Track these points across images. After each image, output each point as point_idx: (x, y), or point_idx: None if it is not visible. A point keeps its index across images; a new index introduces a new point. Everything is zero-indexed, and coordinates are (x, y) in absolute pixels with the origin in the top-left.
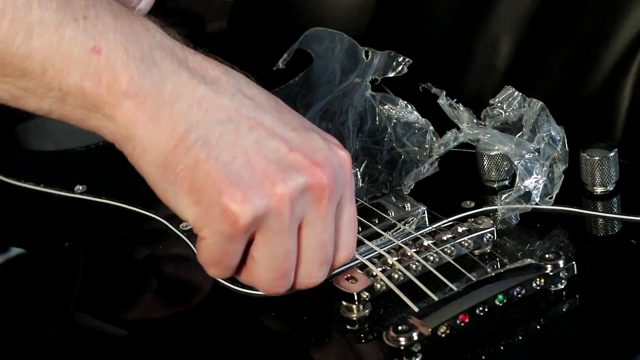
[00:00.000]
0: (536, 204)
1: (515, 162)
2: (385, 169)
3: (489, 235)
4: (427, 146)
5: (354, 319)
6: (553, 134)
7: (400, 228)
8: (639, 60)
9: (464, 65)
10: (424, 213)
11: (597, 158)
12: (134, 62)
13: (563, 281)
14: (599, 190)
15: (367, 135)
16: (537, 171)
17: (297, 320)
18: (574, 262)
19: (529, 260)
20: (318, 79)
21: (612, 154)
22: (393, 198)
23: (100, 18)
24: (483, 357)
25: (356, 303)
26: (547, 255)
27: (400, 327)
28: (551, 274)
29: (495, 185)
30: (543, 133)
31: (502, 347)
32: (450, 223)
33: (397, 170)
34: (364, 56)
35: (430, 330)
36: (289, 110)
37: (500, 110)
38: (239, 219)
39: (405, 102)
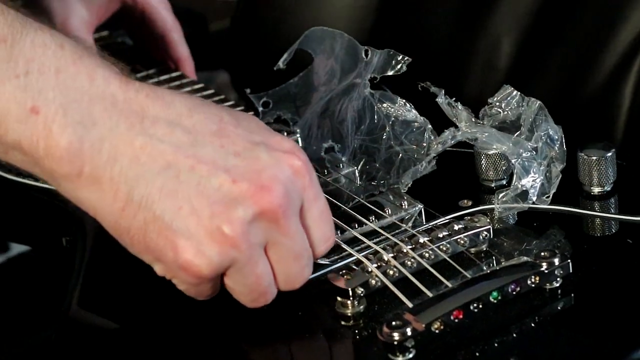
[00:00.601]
0: (533, 203)
1: (513, 161)
2: (383, 167)
3: (485, 233)
4: (425, 144)
5: (349, 314)
6: (551, 133)
7: (396, 225)
8: (639, 61)
9: (465, 64)
10: (420, 211)
11: (594, 158)
12: (72, 125)
13: (558, 279)
14: (596, 190)
15: (365, 134)
16: (534, 170)
17: (292, 316)
18: (569, 261)
19: (524, 258)
20: (317, 78)
21: (609, 154)
22: (390, 196)
23: (44, 73)
24: (477, 354)
25: (351, 299)
26: (542, 253)
27: (394, 323)
28: (546, 271)
29: (492, 185)
30: (541, 132)
31: (495, 344)
32: (447, 221)
33: (394, 169)
34: (363, 55)
35: (424, 325)
36: (234, 123)
37: (499, 110)
38: (200, 271)
39: (404, 101)
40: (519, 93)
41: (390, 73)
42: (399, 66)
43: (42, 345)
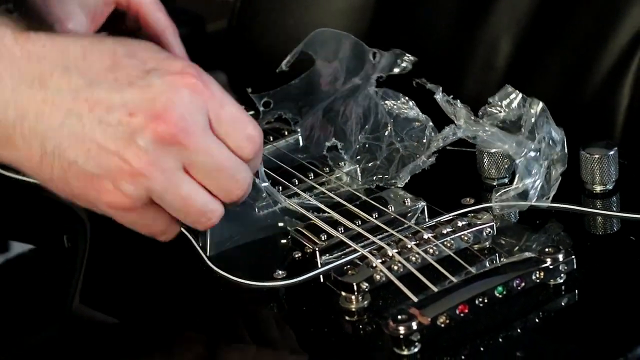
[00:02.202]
0: (530, 205)
1: (517, 160)
2: (384, 165)
3: (489, 230)
4: (425, 141)
5: (353, 309)
6: (553, 135)
7: (400, 222)
8: (638, 60)
9: (463, 64)
10: (423, 208)
11: (597, 156)
12: None
13: (562, 275)
14: (598, 188)
15: (369, 132)
16: (535, 171)
17: (296, 312)
18: (573, 257)
19: (528, 254)
20: (320, 80)
21: (612, 152)
22: (393, 194)
23: None
24: (482, 348)
25: (355, 294)
26: (547, 249)
27: (399, 317)
28: (551, 267)
29: (495, 183)
30: (543, 134)
31: (500, 338)
32: (450, 218)
33: (394, 165)
34: (371, 57)
35: (429, 319)
36: (127, 54)
37: (499, 109)
38: (123, 205)
39: (407, 98)
40: (520, 94)
41: (395, 72)
42: (404, 64)
43: (44, 345)
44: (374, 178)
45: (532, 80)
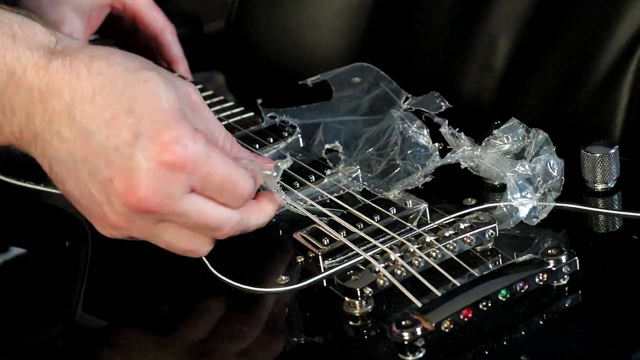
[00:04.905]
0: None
1: (509, 175)
2: (378, 176)
3: (491, 231)
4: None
5: (357, 315)
6: (552, 163)
7: (402, 225)
8: (637, 59)
9: (462, 64)
10: (425, 210)
11: (598, 155)
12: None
13: (565, 276)
14: (600, 187)
15: (375, 150)
16: (529, 195)
17: (300, 317)
18: (576, 258)
19: (531, 256)
20: (337, 111)
21: (612, 150)
22: (393, 195)
23: None
24: (486, 352)
25: (359, 299)
26: (549, 251)
27: (403, 322)
28: (554, 269)
29: (496, 183)
30: (543, 162)
31: (505, 342)
32: (452, 220)
33: (387, 178)
34: (402, 102)
35: (434, 325)
36: (128, 109)
37: (504, 141)
38: (113, 237)
39: (423, 124)
40: (524, 126)
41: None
42: (436, 106)
43: (44, 349)
44: (364, 183)
45: (531, 79)
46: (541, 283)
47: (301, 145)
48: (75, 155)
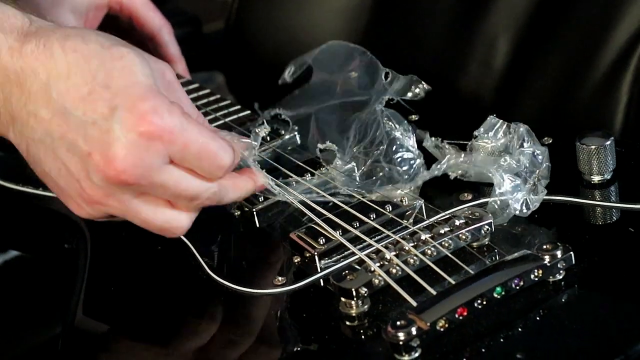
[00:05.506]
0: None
1: (492, 171)
2: (362, 178)
3: (487, 227)
4: (412, 173)
5: (353, 314)
6: (537, 152)
7: (397, 222)
8: (636, 58)
9: (461, 63)
10: (421, 207)
11: (593, 147)
12: None
13: (561, 272)
14: (596, 179)
15: (363, 148)
16: (519, 187)
17: (297, 318)
18: (571, 252)
19: (526, 251)
20: (323, 92)
21: (608, 142)
22: (390, 192)
23: None
24: (482, 350)
25: (355, 299)
26: (544, 246)
27: (398, 323)
28: (549, 264)
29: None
30: (528, 153)
31: (501, 340)
32: (448, 216)
33: (371, 180)
34: (383, 77)
35: (428, 324)
36: (104, 83)
37: (486, 141)
38: (90, 218)
39: (410, 127)
40: (503, 122)
41: (409, 96)
42: (417, 91)
43: (44, 353)
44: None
45: (530, 79)
46: (536, 279)
47: (298, 142)
48: (52, 133)
